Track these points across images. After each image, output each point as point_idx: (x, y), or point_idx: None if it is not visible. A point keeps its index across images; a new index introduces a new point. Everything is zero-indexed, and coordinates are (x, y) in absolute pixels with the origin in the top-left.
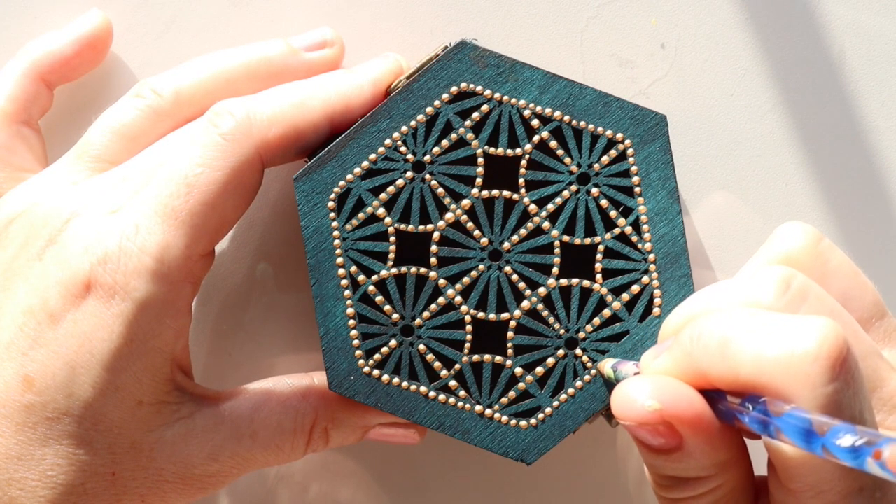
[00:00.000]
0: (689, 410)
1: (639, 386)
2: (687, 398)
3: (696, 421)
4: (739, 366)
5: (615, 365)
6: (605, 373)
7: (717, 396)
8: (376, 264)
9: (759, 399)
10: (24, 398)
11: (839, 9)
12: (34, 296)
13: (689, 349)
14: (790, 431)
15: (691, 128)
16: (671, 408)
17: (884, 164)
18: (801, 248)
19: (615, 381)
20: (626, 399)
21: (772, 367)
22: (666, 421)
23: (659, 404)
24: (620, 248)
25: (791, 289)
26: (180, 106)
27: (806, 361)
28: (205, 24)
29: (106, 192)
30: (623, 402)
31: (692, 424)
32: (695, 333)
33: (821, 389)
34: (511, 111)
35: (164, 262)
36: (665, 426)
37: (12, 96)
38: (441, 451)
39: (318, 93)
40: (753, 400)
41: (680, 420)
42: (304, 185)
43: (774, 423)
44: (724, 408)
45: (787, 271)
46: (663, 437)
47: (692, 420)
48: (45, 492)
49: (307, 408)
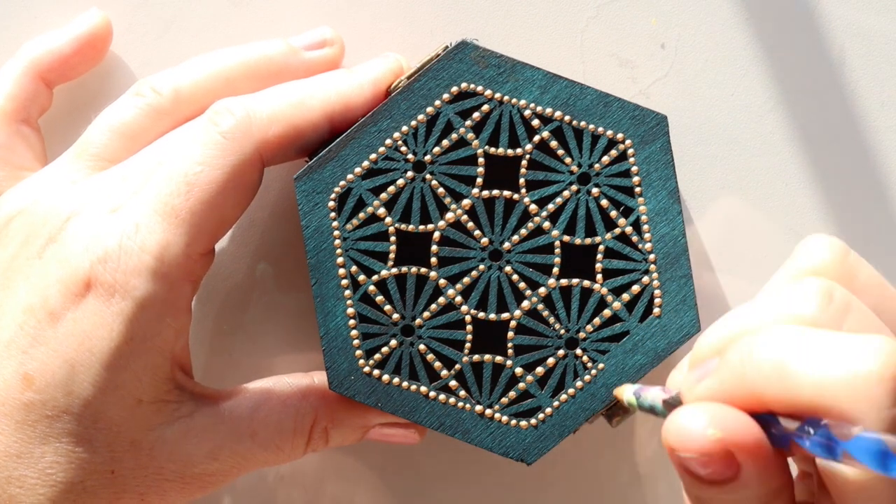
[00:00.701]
0: (751, 438)
1: (695, 414)
2: (745, 424)
3: (756, 448)
4: (799, 387)
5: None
6: (626, 399)
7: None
8: (377, 264)
9: (819, 422)
10: (24, 396)
11: (839, 9)
12: (34, 294)
13: (739, 371)
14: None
15: (691, 128)
16: (733, 436)
17: (884, 164)
18: (831, 261)
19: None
20: (682, 429)
21: (834, 388)
22: (727, 450)
23: (721, 433)
24: (621, 248)
25: (834, 301)
26: (180, 104)
27: (871, 382)
28: (205, 24)
29: (106, 190)
30: (679, 433)
31: (752, 452)
32: (745, 354)
33: (887, 411)
34: (512, 111)
35: (164, 261)
36: (724, 455)
37: (12, 95)
38: (441, 451)
39: (317, 92)
40: (814, 423)
41: (741, 448)
42: (304, 184)
43: (842, 446)
44: (778, 432)
45: (828, 283)
46: (718, 466)
47: (753, 447)
48: (45, 490)
49: (307, 407)
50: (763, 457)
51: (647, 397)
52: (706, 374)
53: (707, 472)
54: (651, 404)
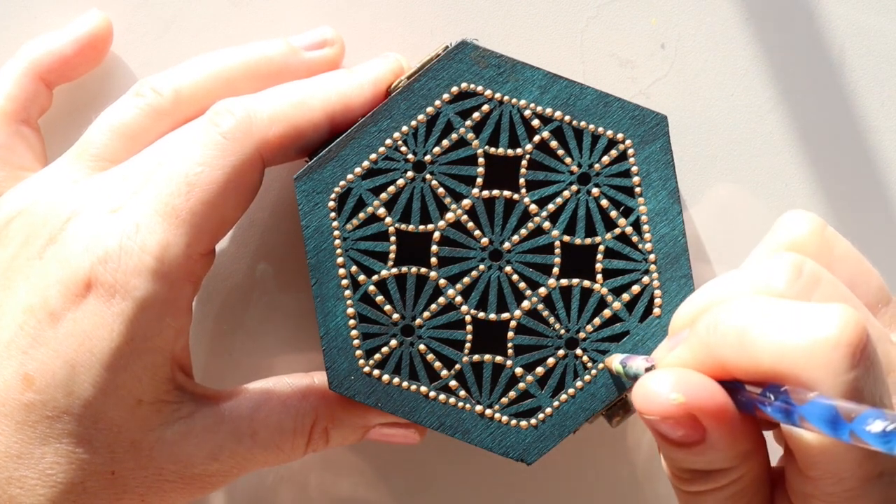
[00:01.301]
0: (712, 402)
1: (661, 379)
2: (709, 389)
3: (720, 412)
4: (759, 355)
5: (624, 360)
6: (614, 368)
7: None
8: (377, 264)
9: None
10: (24, 396)
11: (839, 9)
12: (34, 294)
13: (706, 339)
14: (815, 419)
15: (691, 128)
16: (695, 400)
17: (884, 164)
18: (807, 235)
19: (625, 376)
20: (648, 393)
21: (792, 355)
22: (690, 413)
23: (683, 397)
24: (621, 248)
25: (803, 274)
26: (180, 105)
27: (827, 348)
28: (205, 24)
29: (106, 191)
30: (645, 396)
31: (715, 416)
32: (711, 323)
33: (843, 376)
34: (512, 111)
35: (165, 261)
36: (688, 419)
37: (11, 95)
38: (441, 451)
39: (318, 92)
40: (774, 389)
41: (703, 412)
42: (304, 184)
43: (798, 411)
44: (744, 398)
45: (798, 257)
46: (686, 429)
47: (715, 411)
48: (45, 490)
49: (307, 407)
50: (728, 421)
51: (632, 366)
52: (677, 342)
53: (677, 434)
54: (635, 372)
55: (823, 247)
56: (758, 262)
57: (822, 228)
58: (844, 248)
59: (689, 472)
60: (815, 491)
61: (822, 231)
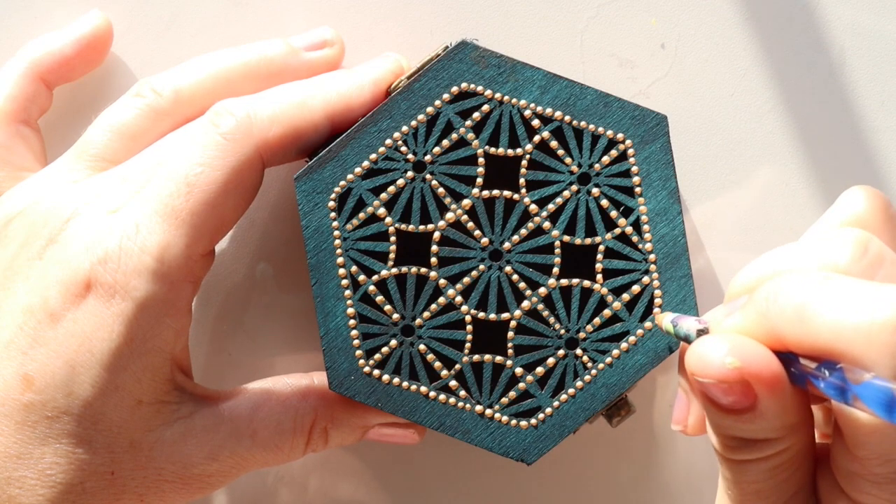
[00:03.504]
0: (767, 370)
1: (717, 343)
2: (765, 358)
3: (773, 381)
4: (817, 330)
5: (675, 319)
6: (664, 326)
7: (789, 358)
8: (377, 264)
9: (835, 365)
10: (24, 397)
11: (839, 9)
12: (34, 295)
13: (764, 310)
14: (870, 400)
15: (691, 128)
16: (750, 366)
17: (884, 164)
18: (872, 211)
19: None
20: (703, 356)
21: (851, 334)
22: (744, 379)
23: (739, 362)
24: (621, 248)
25: (868, 252)
26: (180, 105)
27: (886, 331)
28: (205, 24)
29: (106, 191)
30: (700, 359)
31: (769, 384)
32: (771, 294)
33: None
34: (512, 111)
35: (165, 262)
36: (741, 385)
37: (11, 96)
38: (441, 451)
39: (318, 93)
40: (830, 366)
41: (758, 379)
42: (304, 184)
43: (853, 390)
44: (797, 371)
45: (864, 234)
46: (737, 396)
47: (769, 380)
48: (44, 490)
49: (307, 408)
50: (780, 390)
51: (683, 326)
52: (734, 309)
53: (727, 400)
54: (686, 333)
55: (887, 224)
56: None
57: (887, 206)
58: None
59: (735, 440)
60: (862, 470)
61: (886, 208)
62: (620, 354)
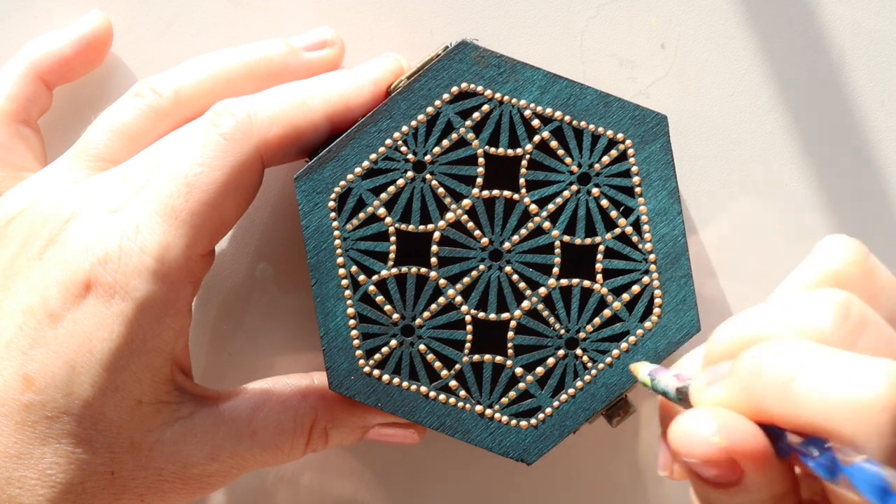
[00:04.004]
0: (755, 447)
1: (703, 420)
2: (752, 435)
3: (759, 458)
4: (803, 407)
5: (653, 373)
6: (641, 378)
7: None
8: (377, 264)
9: (823, 444)
10: (24, 397)
11: (839, 9)
12: (34, 295)
13: (748, 384)
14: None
15: (691, 128)
16: (737, 444)
17: (884, 164)
18: (851, 265)
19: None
20: (689, 434)
21: (838, 412)
22: (731, 457)
23: (725, 441)
24: (621, 248)
25: (850, 317)
26: (180, 105)
27: (875, 410)
28: (205, 24)
29: (106, 191)
30: (686, 437)
31: (755, 461)
32: (754, 368)
33: (888, 439)
34: (512, 111)
35: (165, 262)
36: (727, 462)
37: (11, 96)
38: (441, 451)
39: (318, 93)
40: (818, 444)
41: (745, 457)
42: (304, 184)
43: (843, 472)
44: (784, 445)
45: (845, 297)
46: (723, 471)
47: (755, 457)
48: (44, 490)
49: (306, 408)
50: (767, 465)
51: (661, 381)
52: (716, 378)
53: (712, 475)
54: (664, 389)
55: (867, 278)
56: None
57: (865, 257)
58: (887, 278)
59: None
60: None
61: (865, 261)
62: (620, 354)
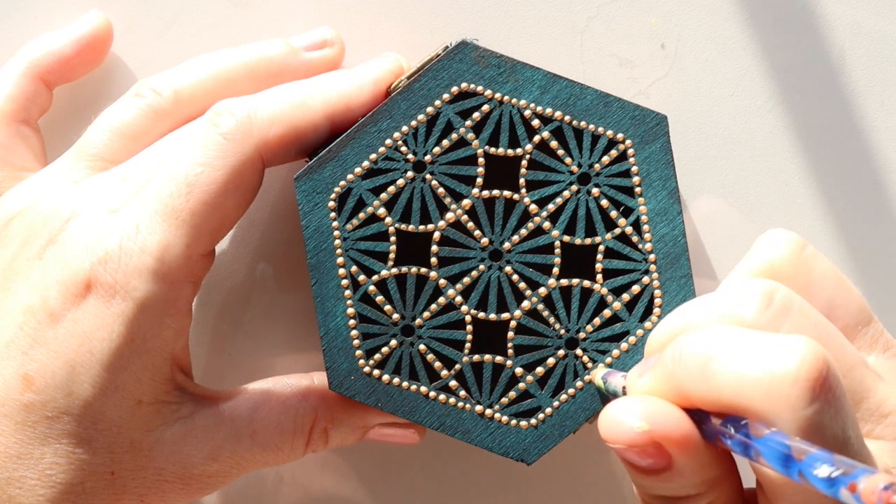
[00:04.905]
0: (677, 431)
1: (626, 407)
2: (674, 419)
3: (684, 441)
4: (720, 387)
5: (605, 375)
6: (596, 382)
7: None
8: (377, 264)
9: (740, 421)
10: (24, 397)
11: (839, 9)
12: (34, 295)
13: (670, 369)
14: (769, 455)
15: (691, 128)
16: (659, 429)
17: (884, 164)
18: (785, 256)
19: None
20: (613, 421)
21: (751, 389)
22: (655, 442)
23: (647, 425)
24: (621, 248)
25: (774, 303)
26: (180, 105)
27: (785, 383)
28: (205, 24)
29: (106, 191)
30: (611, 425)
31: (680, 444)
32: (676, 353)
33: (801, 412)
34: (512, 111)
35: (165, 262)
36: (654, 447)
37: (11, 96)
38: (441, 451)
39: (318, 93)
40: (735, 422)
41: (668, 440)
42: (304, 184)
43: (755, 445)
44: (710, 428)
45: (770, 285)
46: (652, 457)
47: (680, 440)
48: (44, 490)
49: (307, 408)
50: (693, 449)
51: (612, 382)
52: (647, 369)
53: (643, 462)
54: (614, 390)
55: (801, 267)
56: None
57: (800, 248)
58: (824, 268)
59: (658, 499)
60: None
61: (800, 251)
62: (620, 354)
